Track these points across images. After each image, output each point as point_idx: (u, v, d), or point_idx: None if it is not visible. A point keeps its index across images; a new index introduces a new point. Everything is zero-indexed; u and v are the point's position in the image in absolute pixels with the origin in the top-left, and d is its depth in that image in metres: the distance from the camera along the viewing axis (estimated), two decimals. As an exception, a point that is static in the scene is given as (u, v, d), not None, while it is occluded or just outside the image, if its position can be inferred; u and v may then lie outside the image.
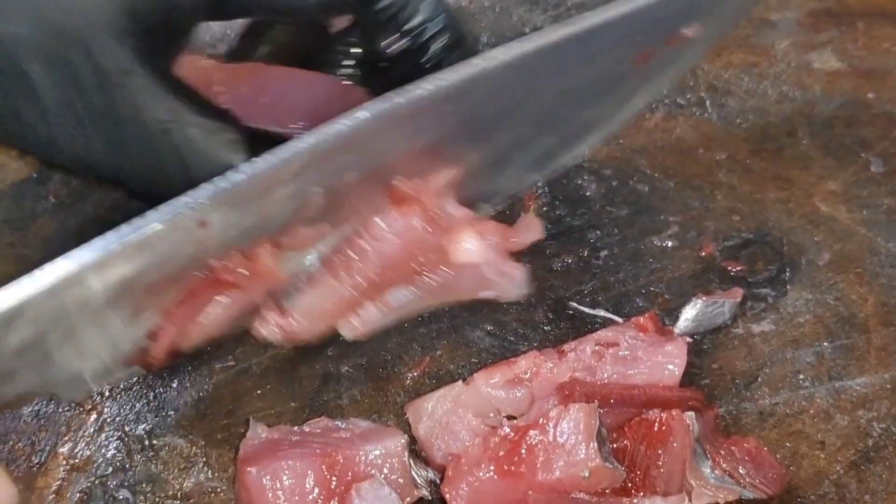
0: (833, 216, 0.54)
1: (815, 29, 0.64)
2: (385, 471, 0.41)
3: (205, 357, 0.47)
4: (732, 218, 0.54)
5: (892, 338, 0.48)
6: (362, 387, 0.46)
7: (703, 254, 0.52)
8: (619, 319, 0.48)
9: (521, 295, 0.47)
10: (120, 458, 0.44)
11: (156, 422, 0.45)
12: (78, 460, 0.44)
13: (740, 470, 0.42)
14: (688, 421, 0.41)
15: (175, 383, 0.46)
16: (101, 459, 0.44)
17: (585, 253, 0.52)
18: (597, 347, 0.45)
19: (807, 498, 0.43)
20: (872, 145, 0.57)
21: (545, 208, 0.54)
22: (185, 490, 0.43)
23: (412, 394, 0.46)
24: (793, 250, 0.52)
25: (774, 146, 0.57)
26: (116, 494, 0.43)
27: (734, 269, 0.51)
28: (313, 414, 0.45)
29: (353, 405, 0.46)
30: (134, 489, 0.43)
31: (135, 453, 0.44)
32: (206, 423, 0.45)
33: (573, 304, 0.50)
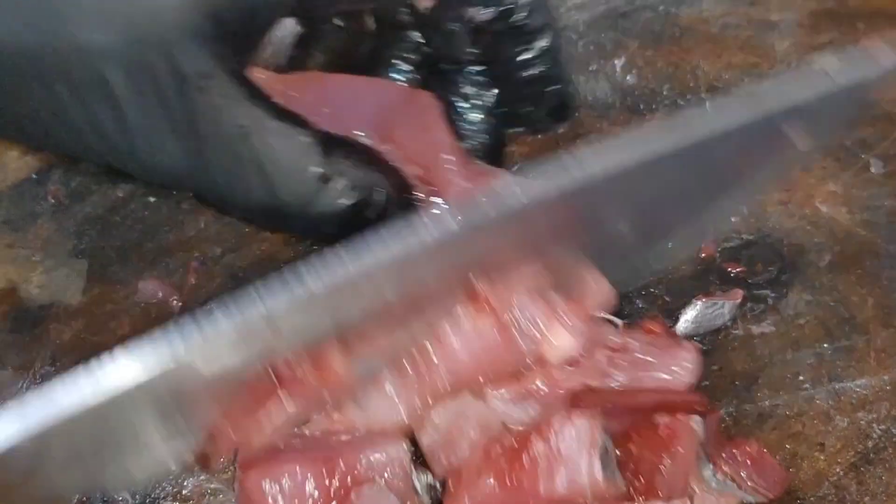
0: (833, 218, 0.53)
1: (816, 30, 0.64)
2: (386, 476, 0.41)
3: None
4: (732, 219, 0.53)
5: (892, 339, 0.48)
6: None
7: (702, 255, 0.52)
8: (619, 321, 0.47)
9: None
10: (119, 459, 0.44)
11: (155, 423, 0.45)
12: (77, 461, 0.44)
13: (742, 474, 0.41)
14: (694, 426, 0.41)
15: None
16: (100, 460, 0.44)
17: (585, 254, 0.52)
18: (607, 352, 0.44)
19: (806, 499, 0.42)
20: (873, 146, 0.57)
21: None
22: (183, 492, 0.43)
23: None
24: (793, 252, 0.52)
25: (775, 147, 0.57)
26: (116, 496, 0.43)
27: (734, 270, 0.51)
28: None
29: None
30: (132, 490, 0.43)
31: (134, 454, 0.44)
32: (206, 425, 0.45)
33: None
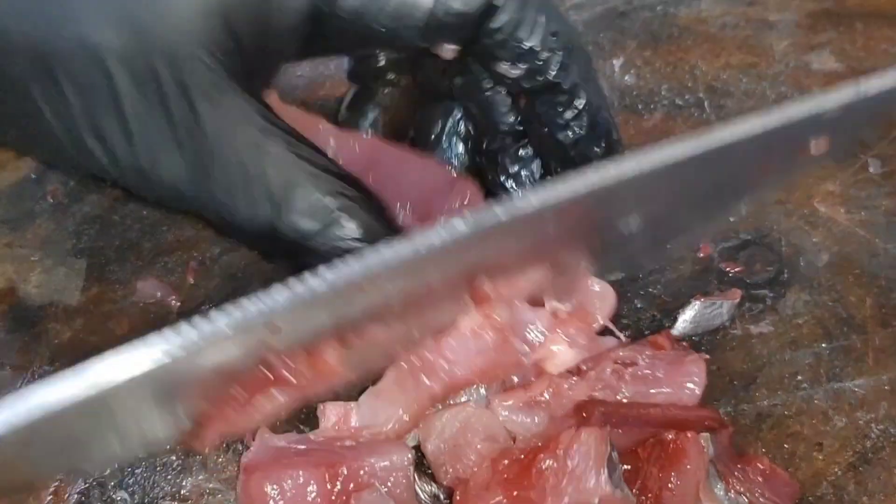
0: (832, 217, 0.54)
1: (814, 30, 0.64)
2: (389, 484, 0.40)
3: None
4: (730, 219, 0.54)
5: (890, 339, 0.48)
6: (362, 388, 0.46)
7: (701, 255, 0.52)
8: (622, 336, 0.47)
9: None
10: (118, 459, 0.44)
11: (154, 423, 0.45)
12: (76, 461, 0.44)
13: (755, 491, 0.41)
14: (703, 443, 0.41)
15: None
16: (99, 460, 0.44)
17: (584, 254, 0.52)
18: (615, 366, 0.44)
19: (804, 499, 0.42)
20: (871, 147, 0.57)
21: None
22: (182, 491, 0.43)
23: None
24: (791, 251, 0.52)
25: (773, 147, 0.57)
26: (114, 496, 0.43)
27: (732, 270, 0.51)
28: (311, 416, 0.45)
29: (352, 406, 0.46)
30: (131, 490, 0.43)
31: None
32: (204, 425, 0.45)
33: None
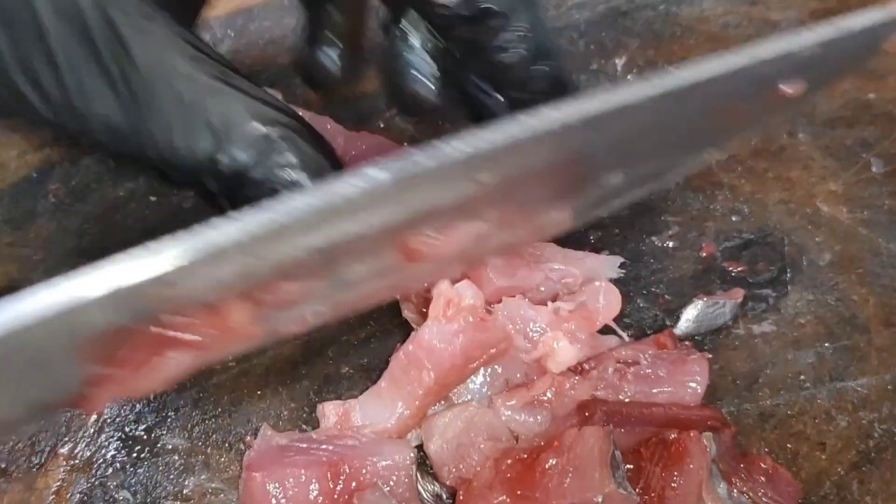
0: (834, 217, 0.53)
1: (817, 29, 0.64)
2: (391, 483, 0.41)
3: (205, 357, 0.47)
4: (733, 218, 0.53)
5: (893, 338, 0.48)
6: (363, 388, 0.46)
7: (703, 254, 0.52)
8: (625, 335, 0.47)
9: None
10: (120, 458, 0.44)
11: (156, 422, 0.45)
12: (78, 461, 0.44)
13: (758, 491, 0.41)
14: (705, 442, 0.41)
15: (175, 384, 0.46)
16: (102, 460, 0.44)
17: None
18: (618, 366, 0.44)
19: (808, 499, 0.42)
20: (873, 146, 0.57)
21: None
22: (184, 491, 0.43)
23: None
24: (794, 251, 0.52)
25: (775, 146, 0.57)
26: (116, 495, 0.43)
27: (735, 269, 0.51)
28: (313, 415, 0.45)
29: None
30: (134, 490, 0.43)
31: (135, 454, 0.44)
32: (206, 424, 0.45)
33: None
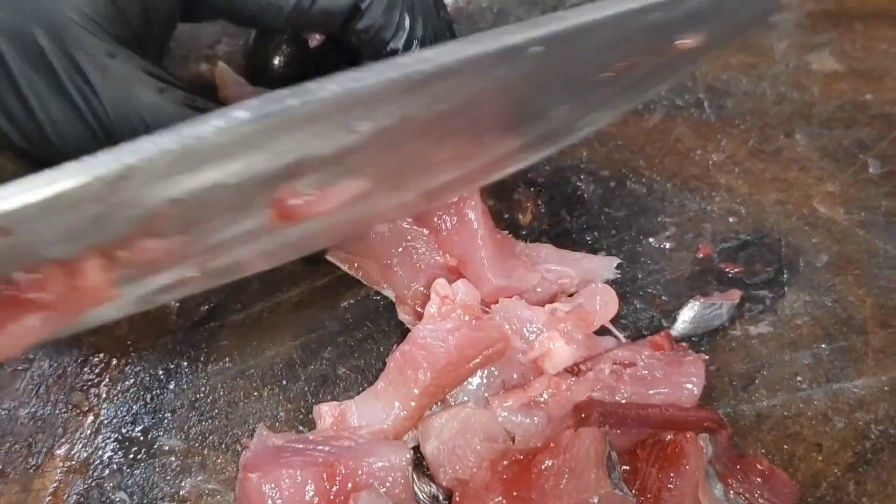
0: (831, 218, 0.53)
1: (814, 30, 0.64)
2: (387, 484, 0.41)
3: (201, 359, 0.47)
4: (730, 219, 0.54)
5: (889, 340, 0.48)
6: (359, 389, 0.46)
7: (700, 255, 0.52)
8: (622, 336, 0.47)
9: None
10: (117, 460, 0.44)
11: (153, 424, 0.45)
12: (75, 462, 0.44)
13: (754, 492, 0.41)
14: (701, 443, 0.41)
15: (172, 385, 0.46)
16: (98, 461, 0.44)
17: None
18: (614, 367, 0.44)
19: (804, 500, 0.42)
20: (870, 147, 0.57)
21: (543, 209, 0.54)
22: (181, 492, 0.43)
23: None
24: (791, 252, 0.52)
25: (772, 147, 0.57)
26: (113, 497, 0.43)
27: (732, 270, 0.51)
28: (310, 416, 0.45)
29: (351, 407, 0.46)
30: (130, 491, 0.43)
31: (132, 455, 0.44)
32: (203, 426, 0.45)
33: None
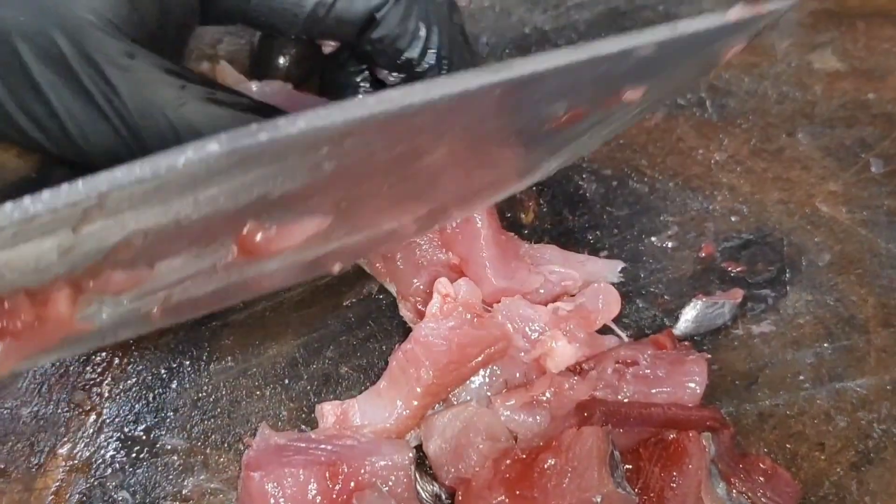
0: (833, 217, 0.53)
1: (816, 29, 0.64)
2: (390, 483, 0.41)
3: (204, 358, 0.47)
4: (732, 218, 0.54)
5: (892, 339, 0.48)
6: (361, 388, 0.46)
7: (702, 254, 0.52)
8: (624, 335, 0.47)
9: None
10: (119, 459, 0.44)
11: (155, 423, 0.45)
12: (77, 461, 0.44)
13: (757, 491, 0.41)
14: (704, 442, 0.41)
15: (174, 384, 0.46)
16: (101, 460, 0.44)
17: (585, 253, 0.51)
18: (617, 366, 0.44)
19: (807, 499, 0.42)
20: (873, 146, 0.57)
21: (545, 209, 0.54)
22: (183, 491, 0.43)
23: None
24: (793, 251, 0.52)
25: (775, 147, 0.57)
26: (115, 496, 0.43)
27: (734, 269, 0.51)
28: (312, 415, 0.45)
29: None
30: (133, 490, 0.43)
31: (134, 454, 0.44)
32: (206, 424, 0.45)
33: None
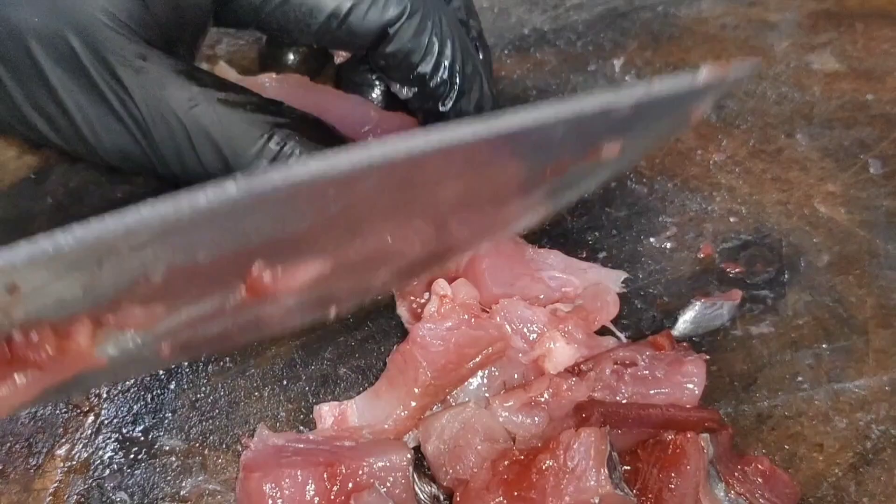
0: (832, 218, 0.53)
1: (815, 30, 0.64)
2: (388, 484, 0.41)
3: (202, 359, 0.47)
4: (731, 219, 0.54)
5: (890, 340, 0.48)
6: (359, 389, 0.46)
7: (701, 255, 0.52)
8: (622, 336, 0.47)
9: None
10: (117, 460, 0.44)
11: (153, 424, 0.45)
12: (75, 462, 0.44)
13: (755, 492, 0.41)
14: (702, 443, 0.41)
15: (172, 385, 0.46)
16: (99, 461, 0.44)
17: (584, 255, 0.51)
18: (615, 367, 0.44)
19: (805, 500, 0.42)
20: (871, 147, 0.57)
21: (544, 210, 0.54)
22: (182, 492, 0.43)
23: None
24: (792, 252, 0.52)
25: (773, 147, 0.57)
26: (113, 497, 0.43)
27: (733, 270, 0.51)
28: (311, 416, 0.45)
29: (351, 407, 0.46)
30: (131, 492, 0.43)
31: (132, 455, 0.44)
32: (204, 426, 0.45)
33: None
